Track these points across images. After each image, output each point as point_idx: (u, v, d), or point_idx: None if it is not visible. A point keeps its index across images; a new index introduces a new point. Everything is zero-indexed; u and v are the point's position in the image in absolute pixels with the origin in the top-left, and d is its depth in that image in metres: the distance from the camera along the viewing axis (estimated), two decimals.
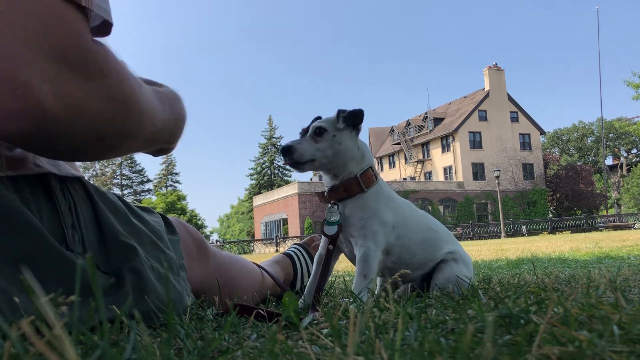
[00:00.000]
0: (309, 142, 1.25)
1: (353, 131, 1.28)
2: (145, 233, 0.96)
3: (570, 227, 31.41)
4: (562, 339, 0.54)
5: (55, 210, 0.82)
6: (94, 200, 0.90)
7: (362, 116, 1.27)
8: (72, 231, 0.82)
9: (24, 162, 0.80)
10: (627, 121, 48.90)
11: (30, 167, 0.80)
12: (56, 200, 0.82)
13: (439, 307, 0.93)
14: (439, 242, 1.36)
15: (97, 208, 0.89)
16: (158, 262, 0.95)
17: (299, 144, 1.24)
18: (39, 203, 0.80)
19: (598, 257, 3.60)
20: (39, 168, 0.82)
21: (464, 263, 1.35)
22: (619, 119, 50.84)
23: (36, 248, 0.73)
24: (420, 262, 1.32)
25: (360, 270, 1.22)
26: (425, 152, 42.87)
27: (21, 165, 0.79)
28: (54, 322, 0.37)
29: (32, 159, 0.82)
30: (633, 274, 1.71)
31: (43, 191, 0.82)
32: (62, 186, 0.86)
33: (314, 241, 1.72)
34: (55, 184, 0.84)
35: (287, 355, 0.56)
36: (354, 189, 1.26)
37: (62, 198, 0.84)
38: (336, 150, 1.25)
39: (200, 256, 1.19)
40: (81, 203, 0.87)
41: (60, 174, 0.86)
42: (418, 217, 1.36)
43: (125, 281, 0.84)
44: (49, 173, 0.83)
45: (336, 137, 1.25)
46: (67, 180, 0.87)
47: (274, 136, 62.32)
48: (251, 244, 31.89)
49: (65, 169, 0.89)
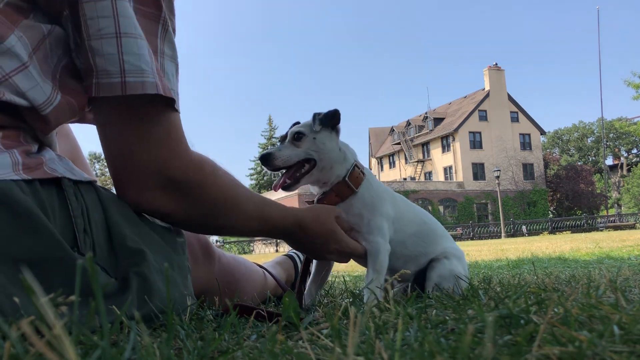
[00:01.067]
0: (290, 148, 1.23)
1: (332, 132, 1.26)
2: (154, 236, 0.96)
3: (571, 227, 31.42)
4: (562, 339, 0.54)
5: (68, 214, 0.82)
6: (105, 204, 0.90)
7: (339, 116, 1.26)
8: (84, 235, 0.83)
9: (39, 166, 0.81)
10: (627, 121, 48.82)
11: (45, 171, 0.81)
12: (69, 204, 0.83)
13: (439, 307, 0.93)
14: (432, 236, 1.36)
15: (108, 212, 0.89)
16: (166, 263, 0.95)
17: (279, 150, 1.22)
18: (53, 207, 0.80)
19: (598, 257, 3.60)
20: (53, 172, 0.82)
21: (457, 259, 1.34)
22: (619, 119, 50.81)
23: (48, 251, 0.74)
24: (412, 255, 1.33)
25: (372, 265, 1.22)
26: (425, 152, 42.90)
27: (37, 169, 0.80)
28: (54, 322, 0.37)
29: (47, 162, 0.83)
30: (633, 274, 1.71)
31: (57, 195, 0.82)
32: (76, 190, 0.86)
33: None
34: (69, 188, 0.84)
35: (287, 355, 0.56)
36: (346, 193, 1.25)
37: (76, 202, 0.84)
38: (319, 152, 1.23)
39: (205, 258, 1.19)
40: (93, 207, 0.87)
41: (75, 178, 0.86)
42: (410, 210, 1.37)
43: (130, 285, 0.84)
44: (63, 177, 0.84)
45: (316, 139, 1.23)
46: (80, 185, 0.88)
47: (273, 136, 62.30)
48: (251, 244, 31.90)
49: (79, 173, 0.89)
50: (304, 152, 1.22)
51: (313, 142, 1.23)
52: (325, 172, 1.25)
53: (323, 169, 1.24)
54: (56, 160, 0.87)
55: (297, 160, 1.22)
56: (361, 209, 1.25)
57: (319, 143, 1.23)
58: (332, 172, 1.25)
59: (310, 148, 1.23)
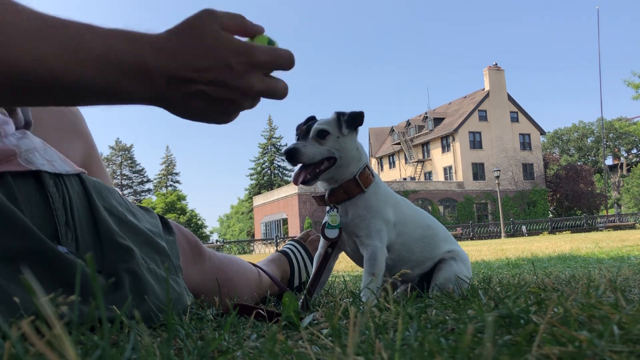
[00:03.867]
0: (314, 145, 1.22)
1: (353, 132, 1.28)
2: (141, 233, 0.95)
3: (570, 227, 31.41)
4: (562, 339, 0.54)
5: (48, 207, 0.81)
6: (92, 198, 0.89)
7: (363, 118, 1.27)
8: (66, 229, 0.82)
9: (10, 159, 0.79)
10: (627, 121, 48.89)
11: (18, 163, 0.79)
12: (50, 197, 0.81)
13: (439, 307, 0.93)
14: (437, 240, 1.36)
15: (94, 207, 0.88)
16: (154, 263, 0.94)
17: (304, 147, 1.21)
18: (30, 200, 0.79)
19: (598, 258, 3.60)
20: (29, 165, 0.81)
21: (462, 262, 1.35)
22: (619, 119, 50.84)
23: (25, 244, 0.73)
24: (418, 260, 1.33)
25: (369, 268, 1.23)
26: (425, 152, 42.87)
27: (7, 162, 0.78)
28: (54, 321, 0.37)
29: (23, 154, 0.81)
30: (633, 274, 1.71)
31: (36, 188, 0.81)
32: (57, 182, 0.84)
33: (309, 236, 1.72)
34: (48, 180, 0.83)
35: (287, 355, 0.56)
36: (354, 190, 1.26)
37: (57, 194, 0.83)
38: (341, 151, 1.24)
39: (195, 258, 1.19)
40: (77, 200, 0.86)
41: (55, 171, 0.85)
42: (416, 215, 1.37)
43: (123, 283, 0.84)
44: (41, 171, 0.82)
45: (339, 138, 1.24)
46: (64, 177, 0.86)
47: (273, 136, 62.30)
48: (251, 244, 31.90)
49: (61, 165, 0.88)
50: (327, 151, 1.23)
51: (337, 141, 1.24)
52: (342, 170, 1.26)
53: (340, 167, 1.25)
54: (37, 150, 0.85)
55: (320, 158, 1.23)
56: (364, 210, 1.25)
57: (342, 143, 1.25)
58: (347, 170, 1.26)
59: (333, 147, 1.24)
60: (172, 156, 65.70)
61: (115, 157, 61.15)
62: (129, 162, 61.84)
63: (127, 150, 62.03)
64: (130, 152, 62.43)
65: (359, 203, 1.26)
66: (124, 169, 61.56)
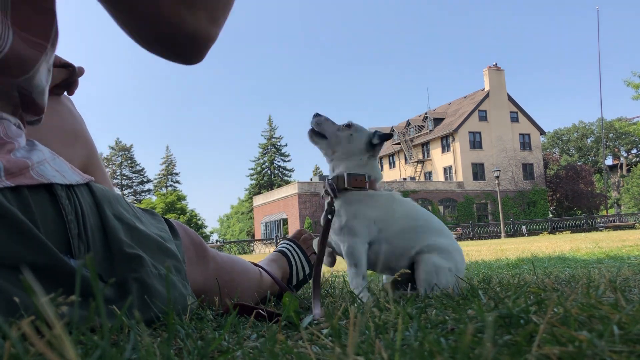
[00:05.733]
0: (334, 125, 1.43)
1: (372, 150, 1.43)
2: (151, 239, 0.95)
3: (570, 227, 31.43)
4: (562, 339, 0.54)
5: (61, 219, 0.80)
6: (102, 207, 0.88)
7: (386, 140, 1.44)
8: (78, 241, 0.81)
9: (23, 171, 0.78)
10: (627, 121, 48.87)
11: (31, 176, 0.79)
12: (63, 210, 0.81)
13: (439, 307, 0.93)
14: (420, 232, 1.37)
15: (104, 216, 0.88)
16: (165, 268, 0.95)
17: (326, 120, 1.44)
18: (44, 213, 0.78)
19: (598, 258, 3.60)
20: (41, 177, 0.80)
21: (444, 253, 1.34)
22: (619, 119, 50.83)
23: (37, 259, 0.73)
24: (399, 254, 1.35)
25: (349, 262, 1.33)
26: (425, 152, 42.90)
27: (21, 174, 0.78)
28: (54, 322, 0.37)
29: (35, 166, 0.81)
30: (633, 274, 1.71)
31: (49, 200, 0.80)
32: (69, 194, 0.84)
33: (302, 234, 1.73)
34: (60, 192, 0.82)
35: (287, 355, 0.56)
36: (340, 185, 1.37)
37: (69, 207, 0.82)
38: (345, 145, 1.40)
39: (199, 259, 1.19)
40: (88, 211, 0.86)
41: (66, 183, 0.84)
42: (401, 210, 1.39)
43: (130, 291, 0.83)
44: (53, 183, 0.82)
45: (352, 135, 1.40)
46: (74, 188, 0.86)
47: (273, 136, 62.37)
48: (251, 244, 31.91)
49: (71, 176, 0.87)
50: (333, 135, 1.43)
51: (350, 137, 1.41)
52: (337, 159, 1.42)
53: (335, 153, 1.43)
54: (47, 161, 0.85)
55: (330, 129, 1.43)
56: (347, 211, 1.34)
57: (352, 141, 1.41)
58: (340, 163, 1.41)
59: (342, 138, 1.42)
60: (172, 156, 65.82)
61: (115, 157, 61.21)
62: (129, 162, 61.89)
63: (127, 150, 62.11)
64: (130, 152, 62.51)
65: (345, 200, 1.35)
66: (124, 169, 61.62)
